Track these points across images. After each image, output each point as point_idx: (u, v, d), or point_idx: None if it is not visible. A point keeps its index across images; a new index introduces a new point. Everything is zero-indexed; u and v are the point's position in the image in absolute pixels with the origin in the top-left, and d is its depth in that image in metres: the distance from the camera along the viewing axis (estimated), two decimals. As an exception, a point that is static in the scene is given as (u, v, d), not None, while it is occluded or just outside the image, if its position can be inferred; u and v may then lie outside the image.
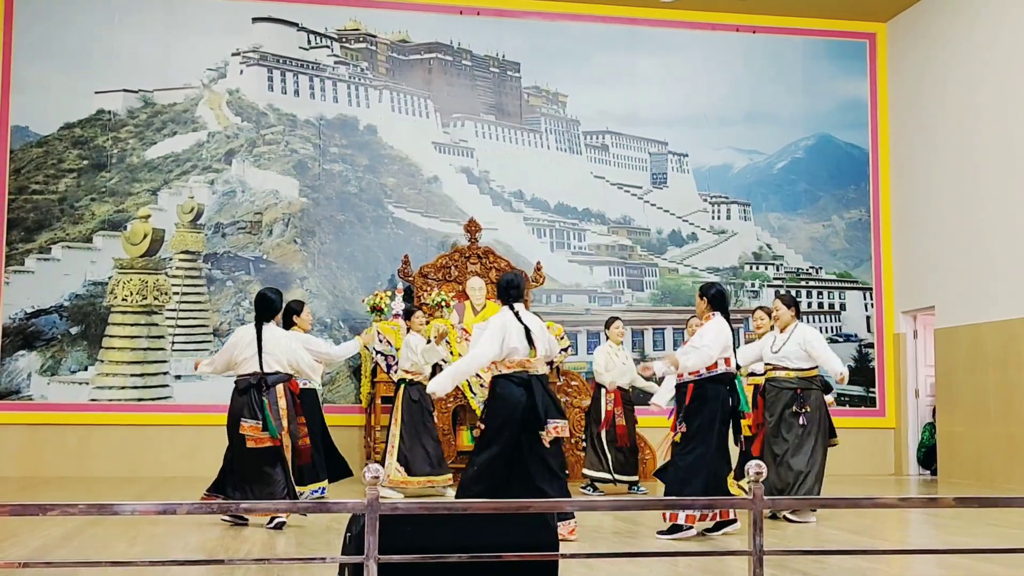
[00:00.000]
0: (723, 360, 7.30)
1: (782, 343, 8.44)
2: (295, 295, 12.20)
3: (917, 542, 7.41)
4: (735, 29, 13.58)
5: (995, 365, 11.55)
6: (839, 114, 13.81)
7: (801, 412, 8.18)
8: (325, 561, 4.46)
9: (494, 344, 6.87)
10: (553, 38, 13.31)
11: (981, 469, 11.63)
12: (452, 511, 4.10)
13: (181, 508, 3.67)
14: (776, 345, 8.47)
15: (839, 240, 13.75)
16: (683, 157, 13.56)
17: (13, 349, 11.89)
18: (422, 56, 13.13)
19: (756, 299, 13.24)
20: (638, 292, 13.18)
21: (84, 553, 6.23)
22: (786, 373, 8.37)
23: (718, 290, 7.58)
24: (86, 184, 12.28)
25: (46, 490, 10.05)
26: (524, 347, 6.92)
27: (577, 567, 5.76)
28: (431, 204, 12.93)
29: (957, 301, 12.21)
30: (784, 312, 8.46)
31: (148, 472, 11.79)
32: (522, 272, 11.19)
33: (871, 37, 13.90)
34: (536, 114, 13.32)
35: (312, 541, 6.92)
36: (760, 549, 3.92)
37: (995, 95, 11.69)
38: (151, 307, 12.17)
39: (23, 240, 12.06)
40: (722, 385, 7.34)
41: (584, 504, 4.35)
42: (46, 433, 11.75)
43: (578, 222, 13.24)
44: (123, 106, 12.42)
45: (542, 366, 7.02)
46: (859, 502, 5.50)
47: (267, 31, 12.76)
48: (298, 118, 12.75)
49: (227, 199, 12.52)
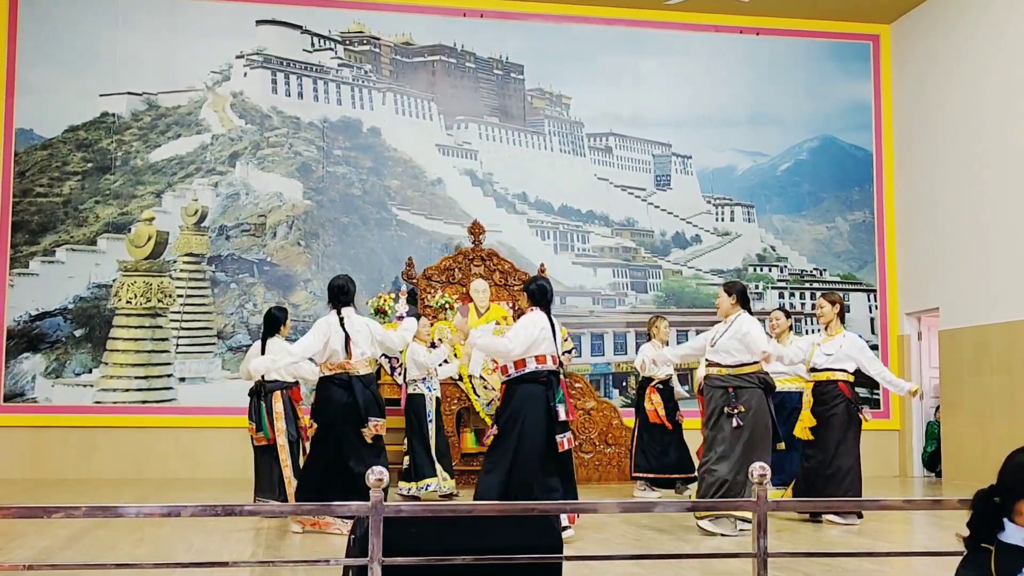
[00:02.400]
0: (535, 358, 6.92)
1: (719, 336, 7.83)
2: (299, 298, 12.22)
3: (922, 544, 7.40)
4: (739, 31, 13.58)
5: (999, 367, 11.53)
6: (843, 116, 13.80)
7: (733, 413, 7.54)
8: (329, 563, 4.46)
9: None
10: (556, 40, 13.31)
11: (986, 471, 11.57)
12: (456, 513, 4.10)
13: (186, 510, 3.67)
14: (714, 339, 7.88)
15: (843, 242, 13.73)
16: (687, 159, 13.56)
17: (18, 352, 11.91)
18: (426, 58, 13.14)
19: (760, 301, 13.23)
20: (642, 294, 13.17)
21: (89, 555, 6.23)
22: (718, 370, 7.75)
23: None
24: (90, 187, 12.30)
25: (51, 492, 10.07)
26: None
27: (581, 569, 5.76)
28: (435, 206, 12.93)
29: (961, 303, 12.19)
30: (724, 300, 7.88)
31: (152, 474, 11.80)
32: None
33: (875, 39, 13.89)
34: (540, 116, 13.32)
35: (316, 543, 6.92)
36: (764, 551, 3.92)
37: (999, 96, 11.68)
38: (155, 309, 12.19)
39: (27, 243, 12.08)
40: (534, 385, 6.91)
41: (585, 505, 4.35)
42: (51, 435, 11.76)
43: (582, 224, 13.24)
44: (127, 109, 12.44)
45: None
46: (863, 504, 5.49)
47: (271, 34, 12.77)
48: (302, 120, 12.76)
49: (231, 201, 12.54)
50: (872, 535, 7.66)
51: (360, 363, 7.24)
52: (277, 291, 12.29)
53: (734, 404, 7.51)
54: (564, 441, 6.86)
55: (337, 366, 7.23)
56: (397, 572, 3.84)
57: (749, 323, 7.70)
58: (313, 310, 12.10)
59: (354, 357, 7.20)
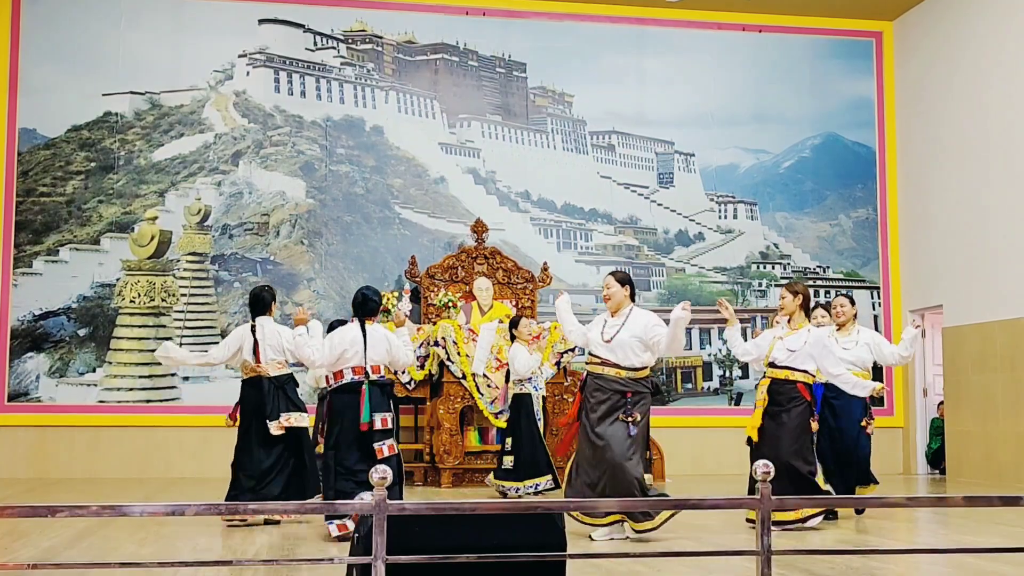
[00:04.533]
0: (351, 369, 6.89)
1: (614, 331, 7.05)
2: (302, 296, 12.23)
3: (926, 542, 7.40)
4: (741, 28, 13.57)
5: (1004, 364, 11.52)
6: (846, 113, 13.78)
7: (628, 421, 6.91)
8: (333, 562, 4.46)
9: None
10: (559, 38, 13.31)
11: (990, 468, 11.60)
12: (459, 512, 4.10)
13: (190, 509, 3.68)
14: (608, 333, 7.08)
15: (846, 239, 13.72)
16: (690, 157, 13.55)
17: (22, 351, 11.92)
18: (428, 57, 13.14)
19: (763, 299, 13.23)
20: (645, 292, 13.16)
21: (93, 554, 6.24)
22: (616, 371, 7.02)
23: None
24: (93, 186, 12.31)
25: (55, 491, 10.08)
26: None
27: (585, 567, 5.76)
28: (438, 205, 12.93)
29: (965, 300, 12.18)
30: (617, 290, 7.17)
31: (157, 473, 11.81)
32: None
33: (878, 36, 13.87)
34: (542, 114, 13.32)
35: (320, 541, 6.93)
36: (768, 549, 3.92)
37: (1002, 93, 11.66)
38: (159, 309, 12.20)
39: (31, 242, 12.09)
40: (348, 395, 6.89)
41: (586, 504, 4.35)
42: (55, 435, 11.78)
43: (585, 222, 13.24)
44: (130, 108, 12.45)
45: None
46: (867, 501, 5.48)
47: (273, 33, 12.78)
48: (304, 119, 12.76)
49: (234, 200, 12.54)
50: (876, 532, 7.65)
51: (271, 365, 7.92)
52: (280, 290, 12.27)
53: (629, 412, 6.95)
54: (384, 448, 6.82)
55: (251, 370, 7.94)
56: (401, 570, 3.84)
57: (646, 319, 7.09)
58: (316, 309, 12.10)
59: (263, 362, 7.85)
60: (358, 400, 6.83)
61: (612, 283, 7.15)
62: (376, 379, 6.95)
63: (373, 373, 6.92)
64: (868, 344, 8.64)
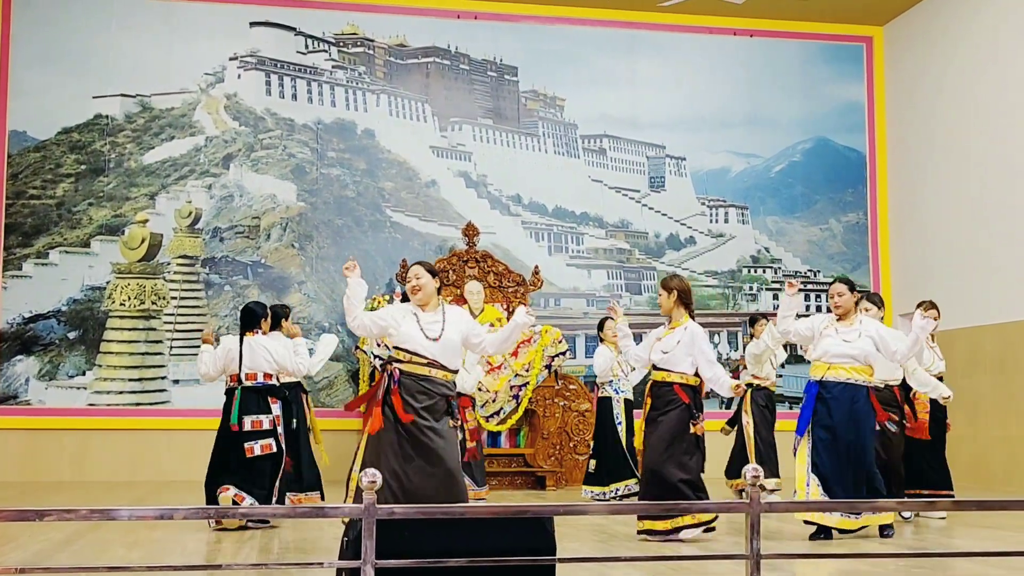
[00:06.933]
0: (246, 375, 7.81)
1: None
2: (293, 299, 12.21)
3: (915, 545, 7.41)
4: (732, 33, 13.60)
5: (993, 368, 11.55)
6: (836, 117, 13.83)
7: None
8: (323, 566, 4.46)
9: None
10: (550, 42, 13.32)
11: (980, 472, 11.63)
12: (449, 516, 4.10)
13: (179, 513, 3.67)
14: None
15: (837, 243, 13.76)
16: (681, 160, 13.58)
17: (11, 354, 11.88)
18: (420, 60, 13.14)
19: (754, 302, 13.25)
20: (636, 296, 13.18)
21: (82, 558, 6.22)
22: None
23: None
24: (84, 189, 12.28)
25: (44, 495, 10.04)
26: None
27: (575, 571, 5.76)
28: (429, 208, 12.93)
29: (955, 304, 12.20)
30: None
31: (146, 476, 11.78)
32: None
33: (868, 41, 13.92)
34: (534, 118, 13.33)
35: (310, 546, 6.91)
36: (757, 553, 3.93)
37: (992, 98, 11.71)
38: (149, 312, 12.17)
39: (21, 245, 12.06)
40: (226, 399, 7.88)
41: (576, 508, 4.35)
42: (44, 438, 11.74)
43: (576, 226, 13.25)
44: (121, 111, 12.43)
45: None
46: (856, 505, 5.50)
47: (265, 35, 12.77)
48: (296, 122, 12.76)
49: (225, 203, 12.53)
50: (865, 536, 7.66)
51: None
52: (271, 293, 12.27)
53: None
54: (255, 447, 7.68)
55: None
56: (390, 575, 3.84)
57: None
58: (307, 312, 12.09)
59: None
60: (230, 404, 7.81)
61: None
62: (251, 385, 7.81)
63: (247, 380, 7.80)
64: (872, 337, 7.47)
